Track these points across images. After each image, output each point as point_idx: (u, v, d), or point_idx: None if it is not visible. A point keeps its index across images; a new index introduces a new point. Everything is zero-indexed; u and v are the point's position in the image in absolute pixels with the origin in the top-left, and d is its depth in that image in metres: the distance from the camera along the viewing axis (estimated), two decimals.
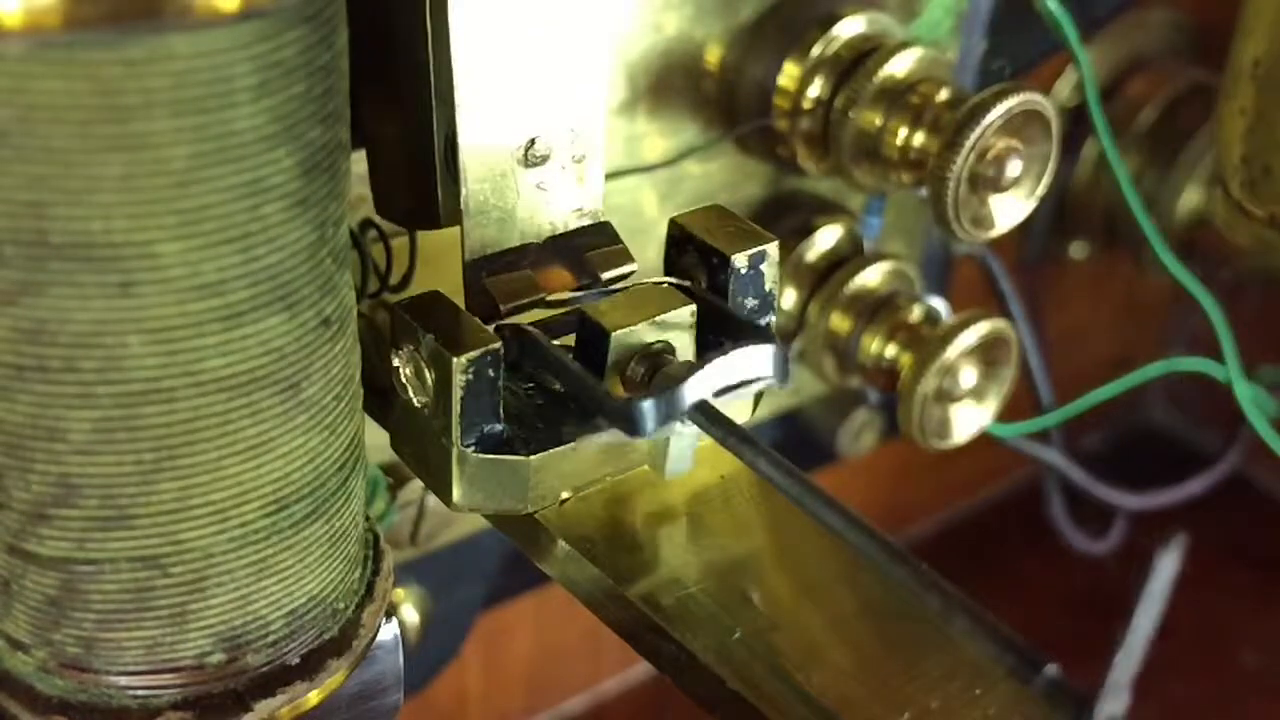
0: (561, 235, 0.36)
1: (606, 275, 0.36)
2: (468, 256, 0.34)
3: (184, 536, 0.26)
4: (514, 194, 0.34)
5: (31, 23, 0.22)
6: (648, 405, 0.31)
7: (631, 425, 0.31)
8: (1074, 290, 0.68)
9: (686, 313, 0.34)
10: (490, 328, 0.33)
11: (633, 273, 0.36)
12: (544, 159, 0.34)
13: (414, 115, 0.34)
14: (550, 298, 0.35)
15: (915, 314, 0.46)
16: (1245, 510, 0.70)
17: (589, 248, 0.36)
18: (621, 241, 0.36)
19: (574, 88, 0.35)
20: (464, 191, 0.34)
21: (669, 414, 0.31)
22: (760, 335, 0.33)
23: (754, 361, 0.33)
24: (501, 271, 0.35)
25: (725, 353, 0.32)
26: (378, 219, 0.38)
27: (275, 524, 0.27)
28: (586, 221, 0.36)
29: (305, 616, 0.29)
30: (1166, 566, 0.24)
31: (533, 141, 0.34)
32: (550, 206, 0.35)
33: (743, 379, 0.33)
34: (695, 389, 0.31)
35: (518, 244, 0.35)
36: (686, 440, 0.33)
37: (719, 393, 0.32)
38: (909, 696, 0.30)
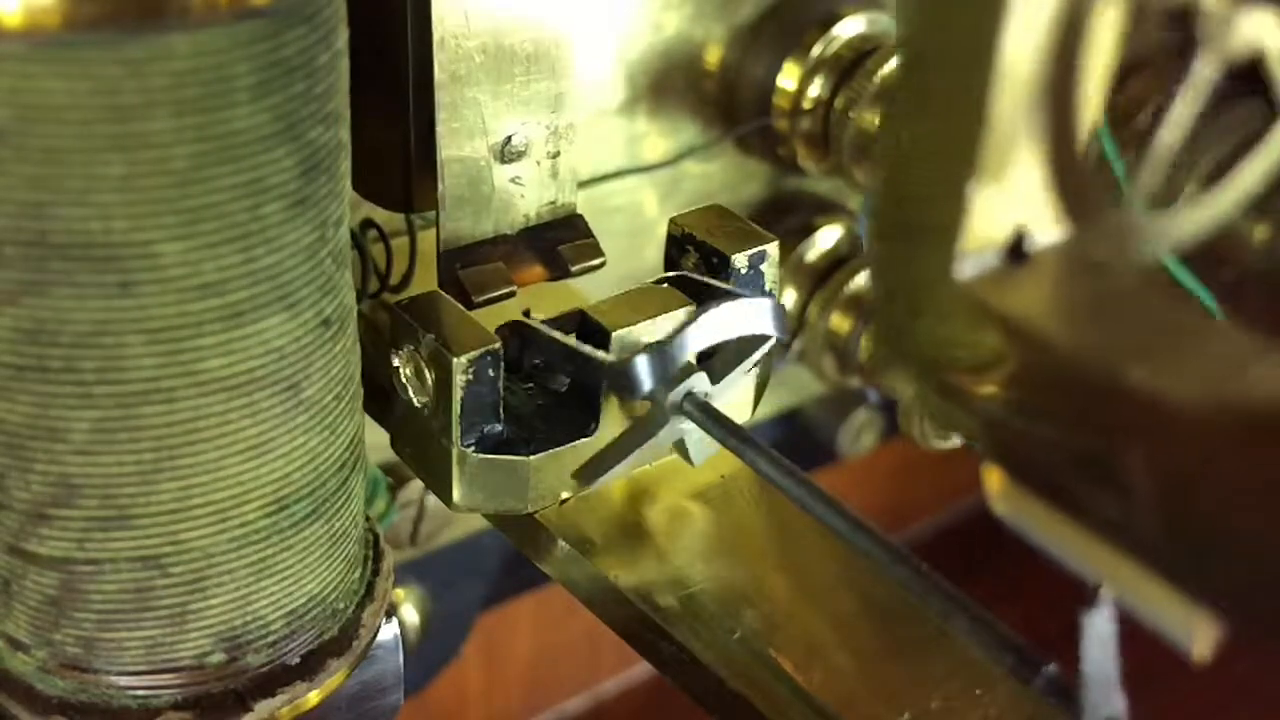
0: (534, 228, 0.36)
1: (576, 268, 0.36)
2: (442, 248, 0.35)
3: (184, 536, 0.26)
4: (489, 188, 0.35)
5: (31, 23, 0.22)
6: (642, 360, 0.31)
7: (630, 383, 0.31)
8: None
9: (685, 313, 0.34)
10: (490, 328, 0.33)
11: (601, 265, 0.37)
12: (520, 155, 0.35)
13: (391, 106, 0.34)
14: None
15: None
16: None
17: (561, 241, 0.36)
18: (593, 235, 0.37)
19: (552, 85, 0.35)
20: (441, 186, 0.34)
21: (665, 368, 0.31)
22: (757, 293, 0.33)
23: (750, 314, 0.33)
24: (475, 263, 0.35)
25: (720, 305, 0.32)
26: (378, 219, 0.38)
27: (275, 524, 0.27)
28: (560, 215, 0.36)
29: (305, 616, 0.29)
30: (1098, 625, 0.24)
31: (509, 138, 0.35)
32: (525, 200, 0.36)
33: (739, 333, 0.33)
34: (692, 341, 0.31)
35: (491, 235, 0.36)
36: (699, 432, 0.33)
37: (721, 363, 0.32)
38: (909, 696, 0.30)
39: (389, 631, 0.32)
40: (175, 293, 0.24)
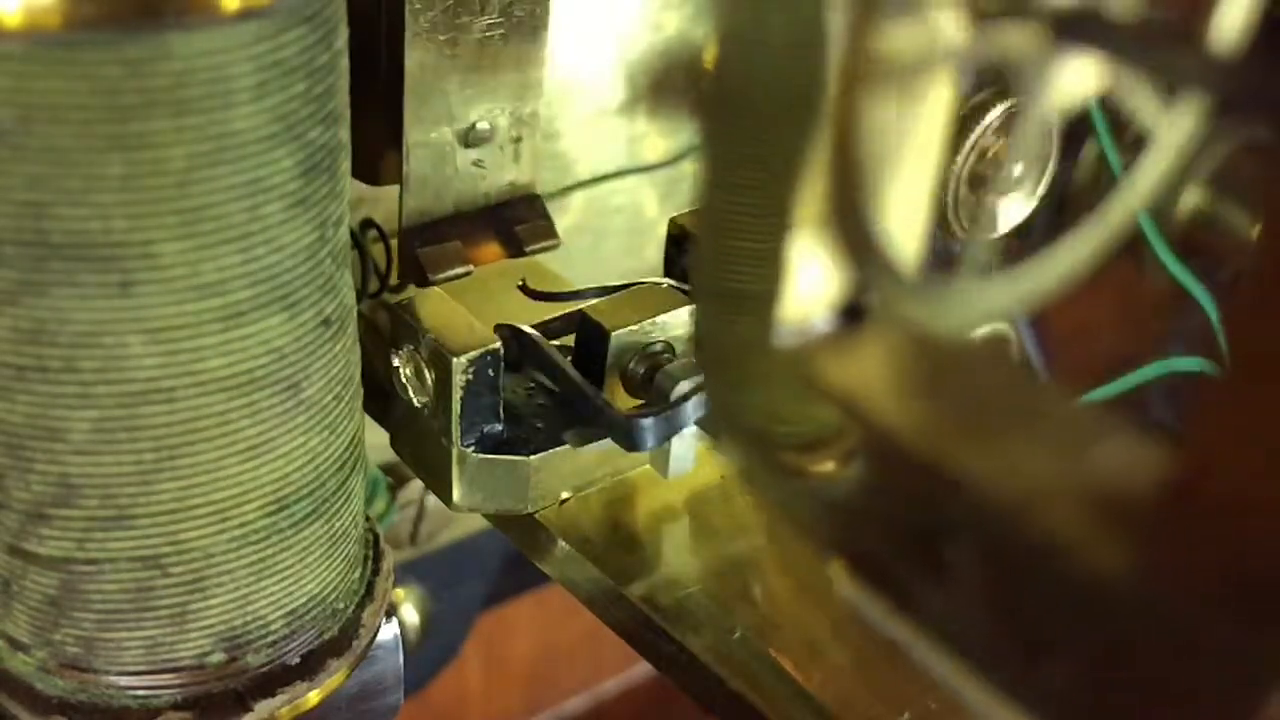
0: (493, 207, 0.37)
1: (531, 248, 0.37)
2: (404, 224, 0.36)
3: (184, 536, 0.26)
4: (452, 169, 0.36)
5: (31, 23, 0.22)
6: (648, 423, 0.31)
7: (631, 441, 0.31)
8: (1074, 290, 0.68)
9: (686, 313, 0.34)
10: (490, 327, 0.33)
11: (555, 246, 0.37)
12: (484, 140, 0.36)
13: (364, 92, 0.34)
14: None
15: None
16: None
17: (518, 220, 0.37)
18: (549, 217, 0.37)
19: (518, 76, 0.36)
20: (405, 168, 0.35)
21: (669, 431, 0.31)
22: None
23: None
24: (434, 241, 0.36)
25: None
26: (378, 219, 0.38)
27: (275, 524, 0.27)
28: (518, 194, 0.37)
29: (305, 616, 0.29)
30: None
31: (474, 124, 0.35)
32: (486, 181, 0.37)
33: None
34: (698, 406, 0.31)
35: (451, 213, 0.36)
36: (687, 441, 0.33)
37: None
38: (909, 696, 0.30)
39: (389, 631, 0.32)
40: (175, 293, 0.24)
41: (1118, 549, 0.17)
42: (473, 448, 0.32)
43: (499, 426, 0.33)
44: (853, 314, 0.21)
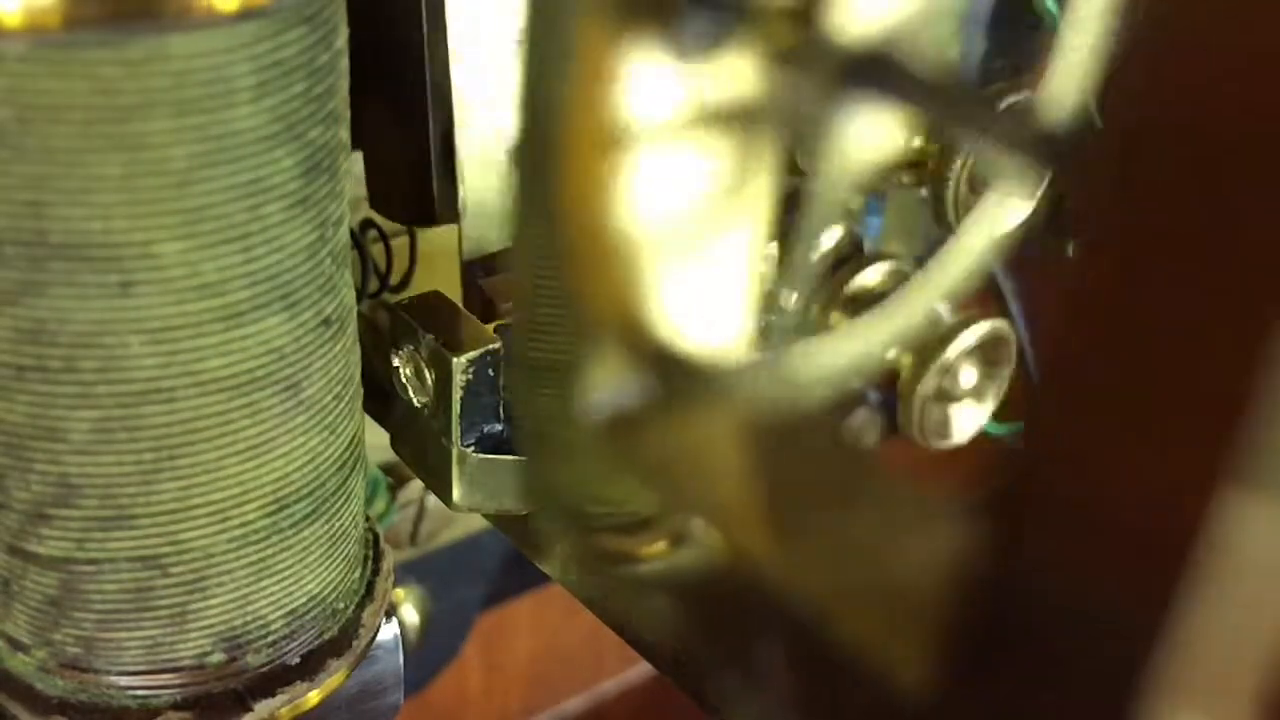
0: None
1: None
2: (465, 257, 0.35)
3: (184, 536, 0.26)
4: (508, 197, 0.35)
5: (31, 23, 0.22)
6: None
7: None
8: None
9: None
10: (490, 327, 0.33)
11: None
12: None
13: (410, 116, 0.34)
14: None
15: None
16: None
17: None
18: None
19: None
20: (461, 194, 0.34)
21: None
22: None
23: None
24: (498, 272, 0.35)
25: None
26: (378, 219, 0.38)
27: (275, 524, 0.27)
28: None
29: (305, 616, 0.29)
30: None
31: None
32: None
33: None
34: None
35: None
36: None
37: None
38: None
39: (389, 631, 0.32)
40: (175, 293, 0.24)
41: (920, 652, 0.16)
42: (473, 448, 0.32)
43: (499, 426, 0.33)
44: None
